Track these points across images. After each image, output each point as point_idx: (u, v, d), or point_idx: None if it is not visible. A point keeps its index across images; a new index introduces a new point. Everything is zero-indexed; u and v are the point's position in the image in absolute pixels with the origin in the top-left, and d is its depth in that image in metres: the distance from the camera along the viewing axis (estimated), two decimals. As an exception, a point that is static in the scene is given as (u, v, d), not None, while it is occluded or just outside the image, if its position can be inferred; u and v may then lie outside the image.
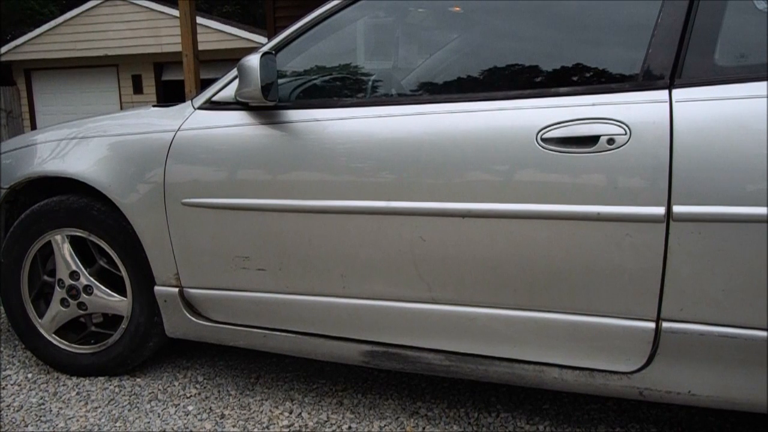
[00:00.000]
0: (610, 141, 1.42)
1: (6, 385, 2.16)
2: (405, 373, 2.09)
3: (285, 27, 1.86)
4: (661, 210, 1.39)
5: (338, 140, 1.69)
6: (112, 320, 2.18)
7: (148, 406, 2.00)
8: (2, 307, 2.31)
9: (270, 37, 2.51)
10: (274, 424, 1.87)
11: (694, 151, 1.36)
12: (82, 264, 2.10)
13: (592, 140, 1.44)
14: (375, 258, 1.68)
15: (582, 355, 1.57)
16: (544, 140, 1.48)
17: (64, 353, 2.18)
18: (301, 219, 1.73)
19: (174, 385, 2.12)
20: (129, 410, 1.97)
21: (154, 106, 2.24)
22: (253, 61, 1.65)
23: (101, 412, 1.97)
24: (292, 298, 1.82)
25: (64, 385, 2.14)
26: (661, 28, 1.46)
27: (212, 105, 1.88)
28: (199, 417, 1.92)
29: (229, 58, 10.57)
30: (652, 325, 1.48)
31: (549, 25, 1.68)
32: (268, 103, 1.71)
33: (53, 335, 2.19)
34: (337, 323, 1.79)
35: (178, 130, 1.88)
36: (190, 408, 1.98)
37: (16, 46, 12.95)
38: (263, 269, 1.82)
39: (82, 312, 2.14)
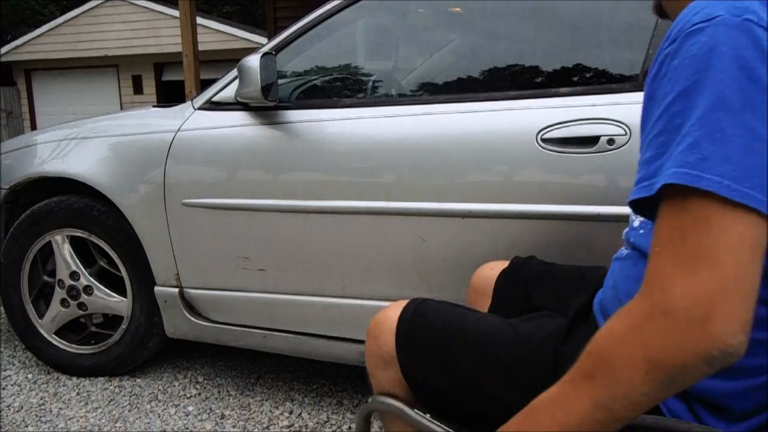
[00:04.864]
0: (611, 141, 1.42)
1: (6, 385, 2.16)
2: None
3: (285, 27, 1.86)
4: (661, 210, 1.39)
5: (338, 141, 1.69)
6: (112, 321, 2.18)
7: (148, 406, 2.00)
8: (2, 308, 2.31)
9: (270, 38, 2.51)
10: (275, 424, 1.87)
11: (694, 151, 1.36)
12: (82, 264, 2.10)
13: (592, 140, 1.44)
14: (375, 258, 1.68)
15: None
16: (544, 140, 1.48)
17: (64, 353, 2.18)
18: (301, 219, 1.73)
19: (174, 386, 2.12)
20: (129, 411, 1.97)
21: (154, 106, 2.24)
22: (254, 61, 1.65)
23: (101, 412, 1.97)
24: (292, 299, 1.82)
25: (64, 386, 2.14)
26: (660, 29, 1.46)
27: (212, 105, 1.88)
28: (199, 417, 1.92)
29: (229, 59, 10.57)
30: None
31: (549, 26, 1.68)
32: (268, 104, 1.71)
33: (53, 336, 2.18)
34: (337, 324, 1.78)
35: (178, 130, 1.88)
36: (190, 408, 1.98)
37: (17, 47, 12.96)
38: (263, 270, 1.82)
39: (82, 312, 2.14)
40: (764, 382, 0.68)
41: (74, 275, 2.10)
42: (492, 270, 1.24)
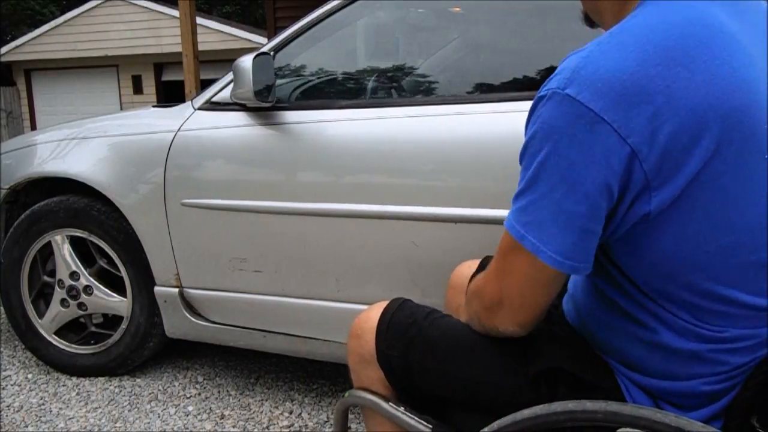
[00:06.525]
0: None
1: (6, 385, 2.16)
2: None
3: (285, 27, 1.87)
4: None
5: (335, 142, 1.68)
6: (112, 321, 2.18)
7: (148, 406, 2.00)
8: (2, 308, 2.31)
9: (270, 38, 2.52)
10: (274, 424, 1.88)
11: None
12: (82, 264, 2.10)
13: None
14: (369, 262, 1.67)
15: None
16: (543, 141, 1.47)
17: (64, 354, 2.18)
18: (297, 221, 1.72)
19: (174, 386, 2.13)
20: (129, 411, 1.97)
21: (154, 106, 2.24)
22: (246, 62, 1.63)
23: (101, 412, 1.97)
24: (288, 301, 1.81)
25: (64, 386, 2.14)
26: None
27: (212, 106, 1.88)
28: (199, 417, 1.93)
29: (229, 59, 10.53)
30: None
31: (549, 25, 1.68)
32: (262, 104, 1.71)
33: (53, 336, 2.19)
34: (332, 327, 1.78)
35: (178, 130, 1.88)
36: (190, 408, 1.98)
37: (17, 47, 12.96)
38: (260, 271, 1.82)
39: (82, 312, 2.14)
40: (693, 384, 0.80)
41: (74, 275, 2.10)
42: (470, 269, 1.27)
